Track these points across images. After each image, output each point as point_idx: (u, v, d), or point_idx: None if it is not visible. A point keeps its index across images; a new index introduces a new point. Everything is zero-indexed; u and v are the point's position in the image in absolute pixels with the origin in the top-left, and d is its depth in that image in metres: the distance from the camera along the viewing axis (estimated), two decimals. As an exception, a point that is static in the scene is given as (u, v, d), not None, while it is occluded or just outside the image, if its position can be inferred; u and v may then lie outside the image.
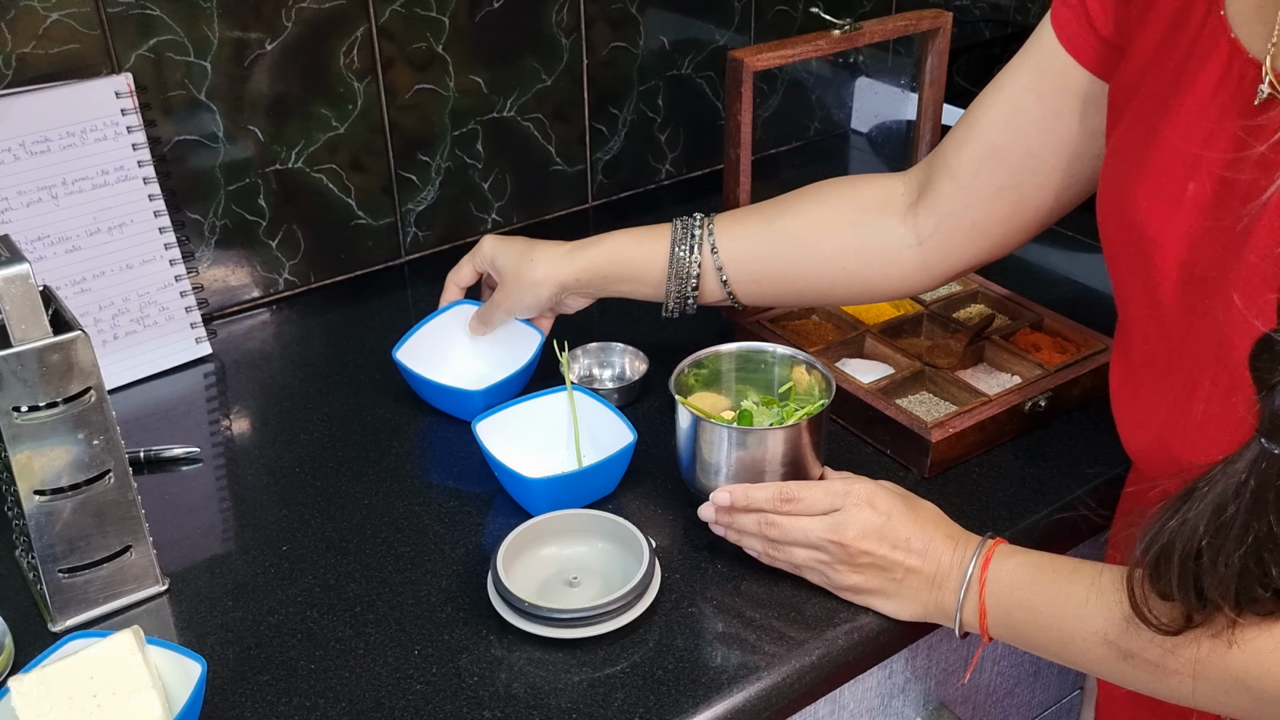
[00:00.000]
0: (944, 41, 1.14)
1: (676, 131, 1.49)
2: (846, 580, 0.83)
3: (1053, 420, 1.03)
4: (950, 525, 0.84)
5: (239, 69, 1.15)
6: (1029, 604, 0.77)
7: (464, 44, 1.27)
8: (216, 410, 1.11)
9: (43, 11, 1.04)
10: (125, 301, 1.11)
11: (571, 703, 0.77)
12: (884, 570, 0.82)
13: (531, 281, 1.02)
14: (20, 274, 0.74)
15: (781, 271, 0.99)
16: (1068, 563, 0.77)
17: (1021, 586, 0.78)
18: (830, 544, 0.82)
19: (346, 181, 1.26)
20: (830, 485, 0.84)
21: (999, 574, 0.79)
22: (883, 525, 0.81)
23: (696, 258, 0.99)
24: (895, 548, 0.81)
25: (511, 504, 0.95)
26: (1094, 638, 0.74)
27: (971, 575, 0.80)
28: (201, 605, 0.86)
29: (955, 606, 0.80)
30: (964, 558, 0.81)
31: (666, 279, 1.00)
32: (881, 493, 0.83)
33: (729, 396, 0.96)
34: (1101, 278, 1.24)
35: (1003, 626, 0.79)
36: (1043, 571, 0.78)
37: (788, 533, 0.84)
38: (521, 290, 1.03)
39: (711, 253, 0.99)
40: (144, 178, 1.10)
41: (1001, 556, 0.80)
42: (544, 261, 1.02)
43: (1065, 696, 1.14)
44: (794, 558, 0.85)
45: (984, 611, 0.79)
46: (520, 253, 1.04)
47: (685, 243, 0.99)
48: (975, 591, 0.80)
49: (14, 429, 0.77)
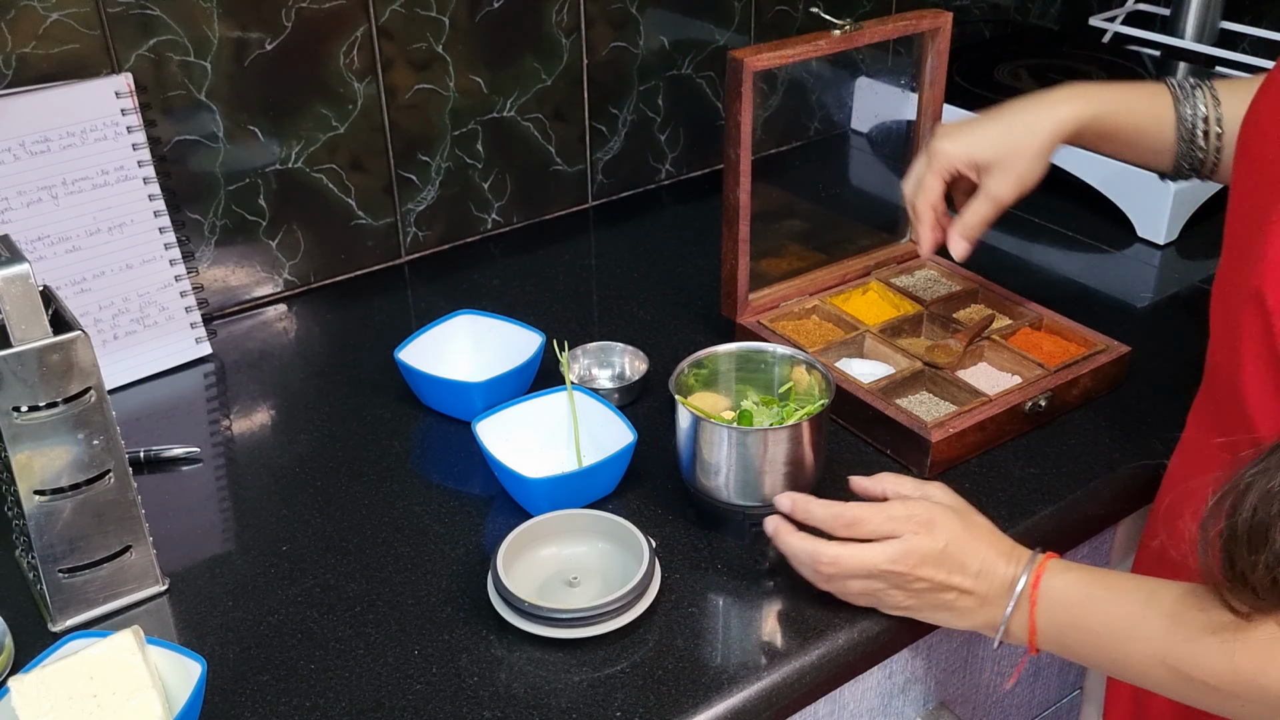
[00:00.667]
0: (944, 41, 1.13)
1: (676, 131, 1.49)
2: (900, 603, 0.82)
3: (1053, 420, 1.03)
4: (1003, 540, 0.82)
5: (239, 69, 1.15)
6: (1083, 623, 0.76)
7: (464, 44, 1.27)
8: (216, 410, 1.11)
9: (43, 11, 1.04)
10: (125, 301, 1.11)
11: (571, 703, 0.77)
12: (938, 593, 0.81)
13: (1038, 150, 0.96)
14: (20, 274, 0.74)
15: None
16: (1121, 579, 0.76)
17: (1074, 605, 0.77)
18: (888, 573, 0.80)
19: (346, 181, 1.26)
20: (890, 510, 0.81)
21: (1050, 592, 0.78)
22: (941, 552, 0.80)
23: (1203, 112, 0.95)
24: (952, 573, 0.80)
25: (511, 504, 0.95)
26: (1151, 660, 0.73)
27: (1021, 592, 0.78)
28: (201, 605, 0.86)
29: (1001, 620, 0.79)
30: (1015, 574, 0.79)
31: (1176, 140, 0.95)
32: (939, 515, 0.81)
33: (729, 396, 0.96)
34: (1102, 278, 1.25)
35: (1055, 644, 0.78)
36: (1095, 590, 0.76)
37: (845, 569, 0.81)
38: (1031, 163, 0.96)
39: (1216, 115, 0.94)
40: (144, 178, 1.10)
41: (1053, 573, 0.78)
42: (1043, 123, 0.96)
43: (1065, 696, 1.14)
44: (848, 589, 0.83)
45: (1034, 629, 0.78)
46: (998, 132, 0.97)
47: (1187, 101, 0.95)
48: (1025, 609, 0.78)
49: (14, 429, 0.77)
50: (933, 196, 1.01)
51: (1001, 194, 0.98)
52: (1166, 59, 1.69)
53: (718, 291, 1.12)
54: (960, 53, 1.66)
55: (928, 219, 1.02)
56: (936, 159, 1.00)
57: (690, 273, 1.29)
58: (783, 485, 0.88)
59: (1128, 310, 1.21)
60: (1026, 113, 0.98)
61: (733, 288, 1.10)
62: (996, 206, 0.99)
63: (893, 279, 1.18)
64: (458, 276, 1.30)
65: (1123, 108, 0.97)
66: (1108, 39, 1.74)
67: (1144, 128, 0.97)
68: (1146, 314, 1.21)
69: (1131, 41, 1.74)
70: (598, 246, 1.38)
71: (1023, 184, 0.98)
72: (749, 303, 1.12)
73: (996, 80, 1.61)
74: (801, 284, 1.16)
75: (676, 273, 1.29)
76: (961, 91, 1.55)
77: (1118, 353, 1.06)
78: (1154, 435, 1.01)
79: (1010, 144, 0.97)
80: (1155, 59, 1.69)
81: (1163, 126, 0.97)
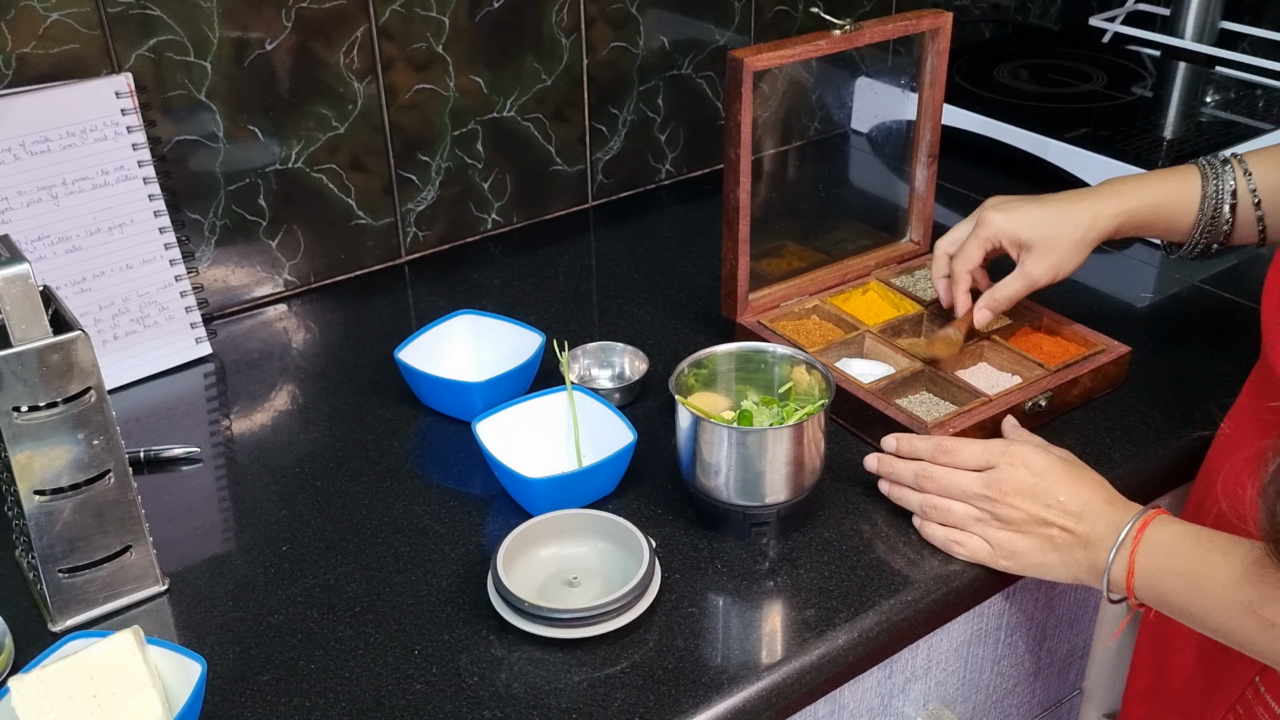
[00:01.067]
0: (944, 41, 1.13)
1: (676, 131, 1.49)
2: (999, 537, 0.85)
3: (1053, 420, 1.03)
4: (1111, 492, 0.85)
5: (239, 69, 1.15)
6: (1180, 569, 0.78)
7: (464, 44, 1.27)
8: (216, 410, 1.11)
9: (43, 11, 1.04)
10: (125, 301, 1.11)
11: (571, 703, 0.77)
12: (1037, 528, 0.83)
13: (1076, 240, 1.00)
14: (20, 274, 0.74)
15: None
16: (1223, 535, 0.78)
17: (1177, 552, 0.79)
18: (983, 499, 0.84)
19: (346, 181, 1.26)
20: (990, 443, 0.86)
21: (1155, 538, 0.80)
22: (1035, 483, 0.83)
23: (1230, 186, 0.99)
24: (1049, 506, 0.83)
25: (511, 504, 0.95)
26: (1238, 606, 0.74)
27: (1126, 536, 0.81)
28: (201, 605, 0.86)
29: (1105, 565, 0.81)
30: (1121, 521, 0.82)
31: (1197, 221, 1.00)
32: (1039, 454, 0.85)
33: (729, 396, 0.96)
34: (1102, 278, 1.24)
35: (1150, 589, 0.80)
36: (1199, 540, 0.78)
37: (943, 486, 0.86)
38: (1069, 251, 1.01)
39: (1249, 187, 0.99)
40: (144, 178, 1.10)
41: (1160, 524, 0.80)
42: (1083, 216, 1.00)
43: (1065, 697, 1.14)
44: (950, 513, 0.87)
45: (1132, 571, 0.80)
46: (1043, 217, 1.01)
47: (1214, 180, 0.99)
48: (1127, 552, 0.80)
49: (14, 429, 0.77)
50: (972, 262, 1.05)
51: (1037, 276, 1.02)
52: (1166, 59, 1.69)
53: (718, 291, 1.12)
54: (960, 53, 1.66)
55: (965, 283, 1.06)
56: (984, 228, 1.03)
57: (690, 273, 1.29)
58: (783, 485, 0.88)
59: (1128, 310, 1.21)
60: (1073, 204, 1.01)
61: (733, 288, 1.10)
62: (1029, 286, 1.03)
63: (893, 279, 1.18)
64: (458, 276, 1.30)
65: (1158, 198, 1.01)
66: (1108, 39, 1.74)
67: (1180, 213, 1.01)
68: (1146, 314, 1.21)
69: (1131, 41, 1.74)
70: (598, 246, 1.38)
71: (1058, 270, 1.02)
72: (749, 303, 1.12)
73: (996, 80, 1.61)
74: (801, 284, 1.16)
75: (676, 273, 1.29)
76: (961, 91, 1.55)
77: (1118, 353, 1.06)
78: (1154, 435, 1.01)
79: (1054, 231, 1.01)
80: (1155, 59, 1.69)
81: (1194, 209, 1.01)
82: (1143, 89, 1.60)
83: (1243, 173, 0.99)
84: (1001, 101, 1.53)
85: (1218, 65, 1.64)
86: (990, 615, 0.99)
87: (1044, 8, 1.84)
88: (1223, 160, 1.00)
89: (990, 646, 1.01)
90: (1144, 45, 1.73)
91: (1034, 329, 1.11)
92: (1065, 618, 1.06)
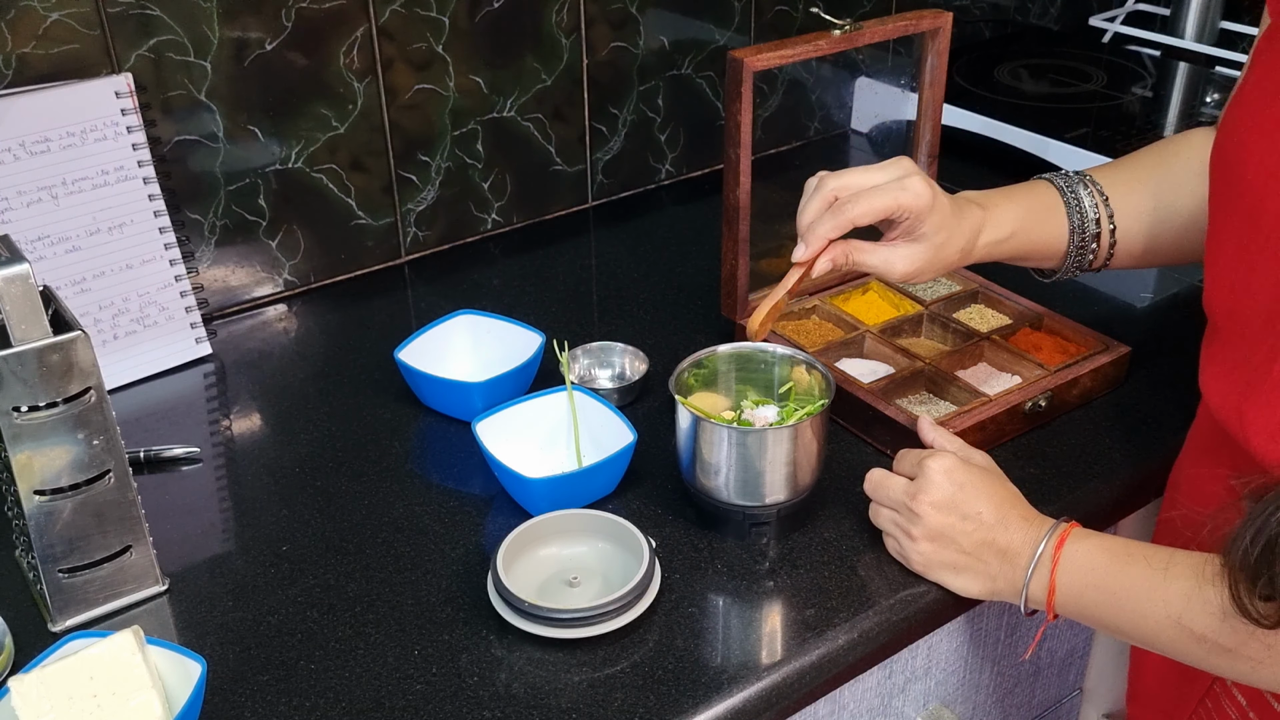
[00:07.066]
0: (944, 41, 1.13)
1: (676, 131, 1.49)
2: (918, 549, 0.85)
3: (1053, 420, 1.03)
4: (1027, 506, 0.85)
5: (239, 69, 1.15)
6: (1102, 585, 0.78)
7: (464, 44, 1.27)
8: (216, 410, 1.11)
9: (43, 11, 1.04)
10: (125, 301, 1.11)
11: (571, 703, 0.77)
12: (953, 541, 0.83)
13: (948, 257, 0.91)
14: (20, 274, 0.75)
15: (1172, 233, 0.97)
16: (1141, 547, 0.78)
17: (1096, 568, 0.79)
18: (905, 508, 0.84)
19: (346, 181, 1.26)
20: (920, 453, 0.87)
21: (1073, 554, 0.80)
22: (953, 495, 0.83)
23: (1095, 216, 0.97)
24: (965, 518, 0.83)
25: (511, 504, 0.95)
26: (1166, 620, 0.75)
27: (1043, 553, 0.81)
28: (201, 605, 0.86)
29: (1023, 582, 0.81)
30: (1037, 536, 0.82)
31: (1066, 254, 0.98)
32: (960, 466, 0.85)
33: (729, 396, 0.96)
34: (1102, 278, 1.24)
35: (1073, 606, 0.80)
36: (1117, 555, 0.78)
37: (878, 491, 0.88)
38: (940, 261, 0.91)
39: (1109, 220, 0.97)
40: (144, 178, 1.10)
41: (1076, 539, 0.81)
42: (962, 239, 0.92)
43: (1065, 697, 1.14)
44: (878, 516, 0.88)
45: (1053, 588, 0.80)
46: (946, 224, 0.90)
47: (1077, 209, 0.97)
48: (1046, 569, 0.81)
49: (14, 429, 0.77)
50: (875, 205, 0.88)
51: (897, 265, 0.91)
52: (1166, 59, 1.69)
53: (718, 291, 1.12)
54: (960, 53, 1.66)
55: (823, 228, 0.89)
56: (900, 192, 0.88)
57: (690, 273, 1.29)
58: (783, 485, 0.88)
59: (1128, 310, 1.21)
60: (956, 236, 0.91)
61: (733, 288, 1.10)
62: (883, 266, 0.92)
63: (893, 279, 1.18)
64: (458, 276, 1.30)
65: (1028, 223, 0.96)
66: (1108, 39, 1.74)
67: (1050, 239, 0.97)
68: (1146, 314, 1.21)
69: (1131, 41, 1.74)
70: (598, 246, 1.38)
71: (918, 275, 0.91)
72: (749, 303, 1.12)
73: (996, 80, 1.61)
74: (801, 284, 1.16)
75: (676, 273, 1.29)
76: (961, 91, 1.55)
77: (1118, 353, 1.06)
78: (1154, 435, 1.01)
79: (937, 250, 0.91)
80: (1155, 59, 1.69)
81: (1063, 234, 0.98)
82: (1143, 89, 1.60)
83: (1100, 197, 0.97)
84: (1001, 101, 1.53)
85: (1218, 65, 1.64)
86: (990, 615, 0.99)
87: (1044, 8, 1.83)
88: (1083, 182, 0.98)
89: (990, 646, 1.02)
90: (1144, 45, 1.73)
91: (1034, 329, 1.11)
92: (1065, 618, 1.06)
